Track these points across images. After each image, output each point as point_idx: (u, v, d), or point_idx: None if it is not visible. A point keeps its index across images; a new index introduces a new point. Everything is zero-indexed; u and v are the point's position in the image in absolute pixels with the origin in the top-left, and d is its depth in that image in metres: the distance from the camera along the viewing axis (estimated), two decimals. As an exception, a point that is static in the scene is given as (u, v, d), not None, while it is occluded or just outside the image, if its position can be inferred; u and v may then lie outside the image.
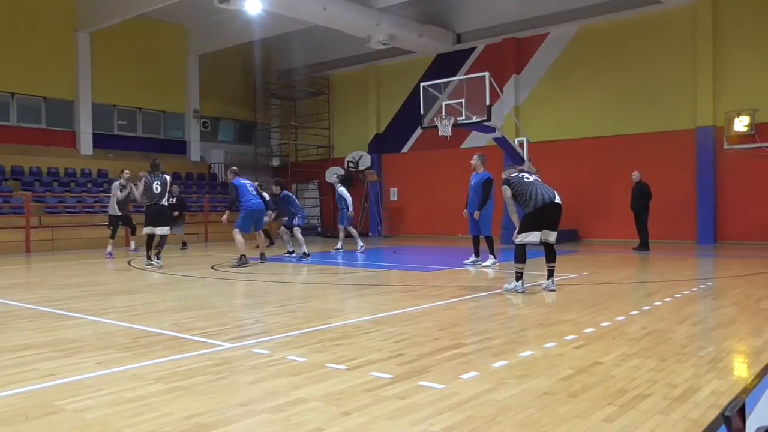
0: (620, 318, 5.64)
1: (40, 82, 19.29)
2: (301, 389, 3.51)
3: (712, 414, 3.03)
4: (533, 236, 7.31)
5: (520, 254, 7.35)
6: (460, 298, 7.12)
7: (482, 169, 10.72)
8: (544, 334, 5.00)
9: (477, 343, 4.66)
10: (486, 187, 10.47)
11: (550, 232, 7.40)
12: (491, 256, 10.66)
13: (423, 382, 3.61)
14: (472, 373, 3.80)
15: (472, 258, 10.91)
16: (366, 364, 4.07)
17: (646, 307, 6.24)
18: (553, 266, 7.51)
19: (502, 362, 4.08)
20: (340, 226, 14.77)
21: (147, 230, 11.09)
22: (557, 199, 7.37)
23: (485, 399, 3.30)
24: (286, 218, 12.87)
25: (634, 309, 6.15)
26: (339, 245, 14.63)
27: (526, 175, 7.67)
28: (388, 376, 3.76)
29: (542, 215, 7.29)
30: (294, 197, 13.28)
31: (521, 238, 7.33)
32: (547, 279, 7.50)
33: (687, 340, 4.70)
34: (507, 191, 7.47)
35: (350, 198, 14.51)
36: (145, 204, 11.23)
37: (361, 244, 14.63)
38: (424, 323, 5.53)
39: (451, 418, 3.00)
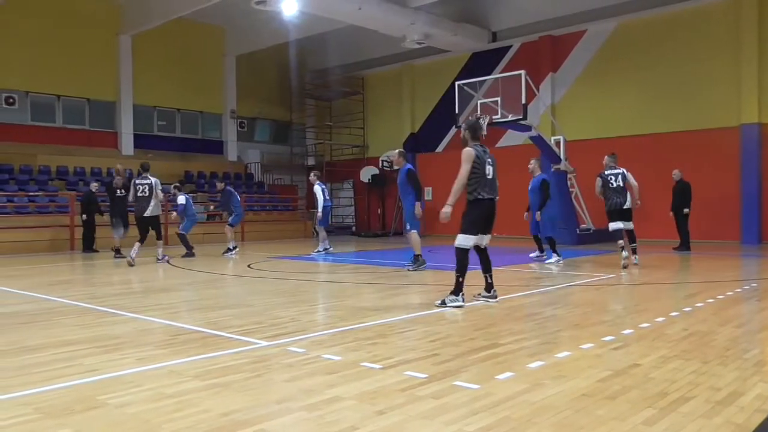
0: (660, 319, 5.52)
1: (84, 85, 19.86)
2: (336, 388, 3.52)
3: (758, 418, 2.95)
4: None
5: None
6: (496, 298, 7.05)
7: (539, 173, 11.21)
8: (581, 334, 4.93)
9: (513, 344, 4.62)
10: (543, 188, 11.00)
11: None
12: (555, 254, 10.87)
13: (458, 382, 3.59)
14: (508, 374, 3.77)
15: (536, 253, 11.41)
16: (401, 363, 4.07)
17: (687, 309, 6.09)
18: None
19: (539, 363, 4.03)
20: (317, 227, 14.21)
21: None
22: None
23: (521, 400, 3.27)
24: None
25: (675, 310, 6.01)
26: (320, 247, 13.95)
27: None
28: (423, 375, 3.75)
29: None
30: (236, 195, 13.90)
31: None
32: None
33: (730, 343, 4.57)
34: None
35: (322, 198, 13.70)
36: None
37: (324, 248, 13.84)
38: (460, 323, 5.51)
39: (486, 419, 2.98)
